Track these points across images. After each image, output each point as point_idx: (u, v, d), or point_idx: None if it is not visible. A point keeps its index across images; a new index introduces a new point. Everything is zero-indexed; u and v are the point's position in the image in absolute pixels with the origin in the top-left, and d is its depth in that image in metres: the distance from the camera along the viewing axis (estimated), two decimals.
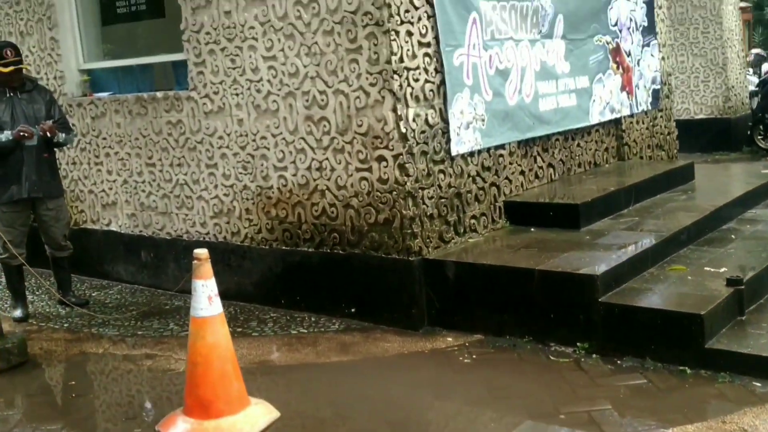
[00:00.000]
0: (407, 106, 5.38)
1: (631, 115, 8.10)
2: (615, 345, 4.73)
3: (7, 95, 6.21)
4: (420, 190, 5.48)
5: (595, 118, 7.47)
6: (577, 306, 4.87)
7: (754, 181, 7.49)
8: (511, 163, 6.39)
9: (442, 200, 5.68)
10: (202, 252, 4.14)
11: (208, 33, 6.24)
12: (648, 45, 8.33)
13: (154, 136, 6.85)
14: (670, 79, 9.03)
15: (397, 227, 5.46)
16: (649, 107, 8.40)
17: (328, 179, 5.75)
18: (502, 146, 6.29)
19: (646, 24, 8.29)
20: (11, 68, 6.14)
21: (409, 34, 5.42)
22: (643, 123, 8.35)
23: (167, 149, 6.77)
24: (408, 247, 5.44)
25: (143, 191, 7.07)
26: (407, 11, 5.40)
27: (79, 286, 7.29)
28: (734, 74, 13.32)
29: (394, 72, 5.29)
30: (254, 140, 6.14)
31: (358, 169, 5.57)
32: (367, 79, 5.40)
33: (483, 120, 6.00)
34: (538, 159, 6.82)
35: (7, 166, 6.15)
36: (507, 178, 6.34)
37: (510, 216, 6.27)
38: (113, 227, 7.42)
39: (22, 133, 6.02)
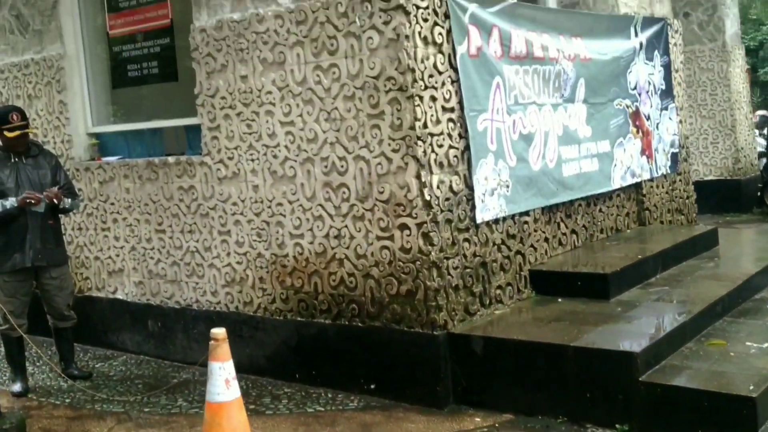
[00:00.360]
0: (431, 172, 5.15)
1: (651, 180, 7.89)
2: (657, 428, 4.41)
3: (12, 160, 5.99)
4: (445, 260, 5.21)
5: (616, 183, 7.25)
6: (615, 385, 4.56)
7: None
8: (535, 230, 6.14)
9: (467, 270, 5.41)
10: (219, 332, 3.85)
11: (223, 97, 6.04)
12: (666, 108, 8.16)
13: (164, 202, 6.61)
14: (688, 142, 8.84)
15: (421, 299, 5.18)
16: (669, 171, 8.19)
17: (347, 248, 5.48)
18: (527, 213, 6.05)
19: (664, 87, 8.13)
20: (17, 133, 5.92)
21: (433, 99, 5.21)
22: (662, 187, 8.13)
23: (178, 215, 6.51)
24: (432, 321, 5.15)
25: (152, 258, 6.80)
26: (431, 76, 5.20)
27: (82, 356, 6.99)
28: (743, 136, 13.17)
29: (418, 138, 5.07)
30: (270, 207, 5.89)
31: (379, 238, 5.31)
32: (389, 145, 5.17)
33: (507, 186, 5.76)
34: (562, 225, 6.57)
35: (10, 233, 5.89)
36: (532, 245, 6.08)
37: (536, 285, 5.99)
38: (119, 295, 7.12)
39: (28, 200, 5.77)
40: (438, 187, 5.20)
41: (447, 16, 5.37)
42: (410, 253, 5.18)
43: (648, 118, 7.81)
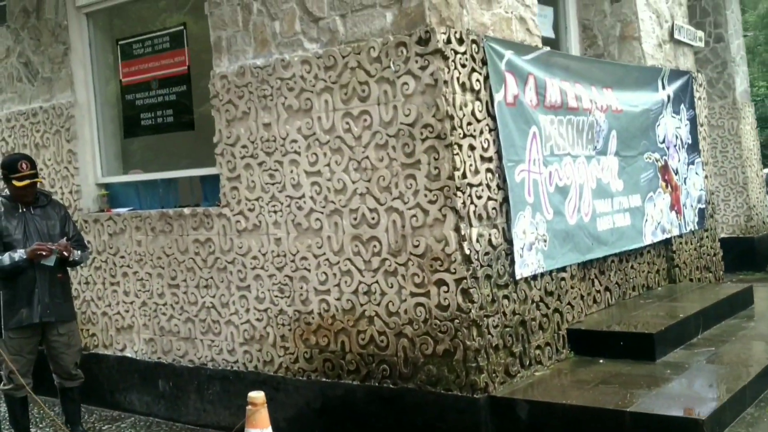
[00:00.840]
0: (470, 225, 4.83)
1: (680, 236, 7.59)
2: None
3: (20, 211, 5.64)
4: (485, 318, 4.86)
5: (648, 239, 6.94)
6: None
7: None
8: (572, 287, 5.79)
9: (507, 329, 5.05)
10: (257, 396, 3.49)
11: (244, 146, 5.73)
12: (693, 163, 7.91)
13: (179, 255, 6.25)
14: (713, 198, 8.57)
15: (460, 360, 4.80)
16: (696, 227, 7.90)
17: (378, 304, 5.12)
18: (563, 269, 5.72)
19: (690, 141, 7.89)
20: (26, 182, 5.59)
21: (472, 147, 4.92)
22: (691, 243, 7.83)
23: (193, 269, 6.15)
24: (472, 383, 4.77)
25: (164, 314, 6.41)
26: (469, 124, 4.92)
27: (87, 417, 6.56)
28: (755, 193, 12.94)
29: (457, 188, 4.76)
30: (293, 261, 5.54)
31: (413, 294, 4.96)
32: (425, 195, 4.85)
33: (545, 240, 5.44)
34: (596, 282, 6.24)
35: (17, 287, 5.52)
36: (569, 303, 5.73)
37: (574, 345, 5.63)
38: (128, 353, 6.71)
39: (38, 252, 5.42)
40: (477, 241, 4.87)
41: (484, 62, 5.11)
42: (448, 310, 4.83)
43: (676, 173, 7.55)
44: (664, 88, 7.43)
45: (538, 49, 5.67)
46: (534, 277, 5.38)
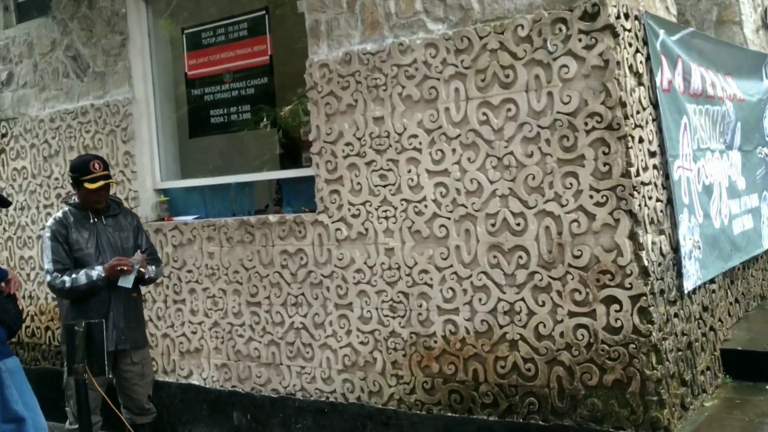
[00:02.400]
0: (646, 231, 3.93)
1: None
2: None
3: (91, 221, 4.69)
4: (662, 341, 3.96)
5: (766, 243, 6.09)
6: None
7: None
8: (721, 300, 4.92)
9: (679, 353, 4.17)
10: None
11: (348, 144, 4.82)
12: None
13: (261, 269, 5.31)
14: None
15: (635, 391, 3.91)
16: None
17: (523, 326, 4.22)
18: (713, 280, 4.86)
19: None
20: (100, 183, 4.64)
21: (641, 140, 4.04)
22: None
23: (279, 285, 5.22)
24: (653, 420, 3.89)
25: (240, 336, 5.47)
26: (638, 112, 4.05)
27: None
28: None
29: (633, 188, 3.87)
30: (409, 274, 4.63)
31: (572, 314, 4.06)
32: (591, 197, 3.97)
33: (699, 247, 4.58)
34: (728, 293, 5.37)
35: (88, 311, 4.55)
36: (720, 319, 4.86)
37: (728, 368, 4.75)
38: (194, 380, 5.75)
39: (119, 268, 4.46)
40: (652, 250, 3.98)
41: (645, 42, 4.23)
42: (620, 333, 3.94)
43: None
44: (767, 76, 6.62)
45: (683, 29, 4.82)
46: (694, 291, 4.52)
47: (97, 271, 4.48)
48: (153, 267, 4.87)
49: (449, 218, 4.48)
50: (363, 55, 4.73)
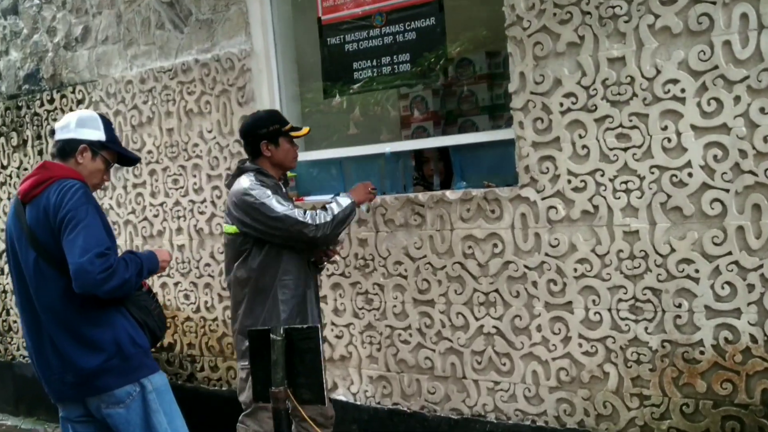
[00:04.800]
0: None
1: None
2: None
3: (283, 191, 3.72)
4: None
5: None
6: None
7: None
8: None
9: None
10: None
11: (570, 95, 3.73)
12: None
13: (434, 259, 4.24)
14: None
15: None
16: None
17: None
18: None
19: None
20: (307, 130, 3.80)
21: None
22: None
23: (461, 278, 4.14)
24: None
25: (405, 342, 4.39)
26: None
27: None
28: None
29: None
30: (661, 265, 3.53)
31: None
32: None
33: None
34: None
35: (292, 297, 3.57)
36: None
37: None
38: (341, 395, 4.70)
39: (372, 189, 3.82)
40: None
41: None
42: None
43: None
44: None
45: None
46: None
47: (344, 198, 3.59)
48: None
49: (727, 190, 3.36)
50: None
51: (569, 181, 3.79)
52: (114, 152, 3.23)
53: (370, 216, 4.45)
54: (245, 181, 3.58)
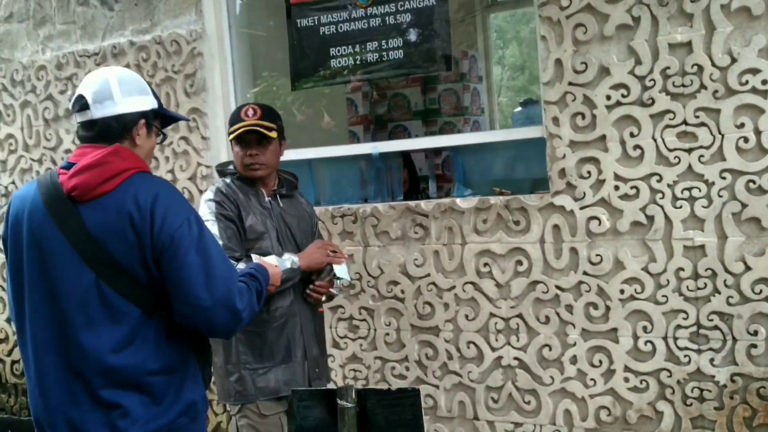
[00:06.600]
0: None
1: None
2: None
3: (265, 200, 2.89)
4: None
5: None
6: None
7: None
8: None
9: None
10: None
11: (619, 86, 3.15)
12: None
13: (440, 279, 3.59)
14: None
15: None
16: None
17: None
18: None
19: None
20: (241, 131, 2.80)
21: None
22: None
23: (474, 301, 3.52)
24: None
25: (401, 377, 3.74)
26: None
27: None
28: None
29: None
30: (733, 285, 3.05)
31: None
32: None
33: None
34: None
35: (271, 329, 2.82)
36: None
37: None
38: None
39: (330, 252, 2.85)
40: None
41: None
42: None
43: None
44: None
45: None
46: None
47: (290, 259, 2.65)
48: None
49: None
50: None
51: (617, 188, 3.19)
52: (163, 119, 2.22)
53: (357, 227, 3.71)
54: (211, 188, 2.86)
